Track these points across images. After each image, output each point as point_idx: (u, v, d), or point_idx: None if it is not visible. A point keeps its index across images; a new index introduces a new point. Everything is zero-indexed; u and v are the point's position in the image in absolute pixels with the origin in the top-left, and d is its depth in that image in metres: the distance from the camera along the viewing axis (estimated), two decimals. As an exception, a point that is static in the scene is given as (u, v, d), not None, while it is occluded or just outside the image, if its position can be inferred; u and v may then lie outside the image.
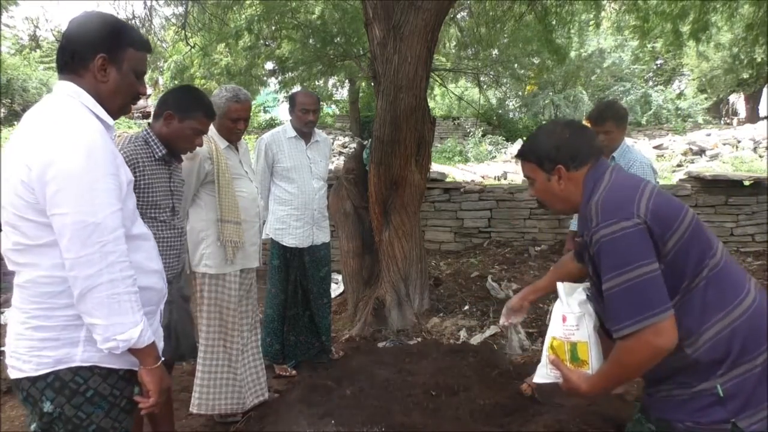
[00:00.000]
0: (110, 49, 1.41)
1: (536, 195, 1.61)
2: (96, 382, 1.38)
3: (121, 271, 1.31)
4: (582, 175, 1.48)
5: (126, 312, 1.31)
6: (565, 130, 1.54)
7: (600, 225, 1.33)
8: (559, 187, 1.51)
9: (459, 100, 13.87)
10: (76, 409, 1.37)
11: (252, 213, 2.86)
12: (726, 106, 25.98)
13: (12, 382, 1.42)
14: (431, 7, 3.85)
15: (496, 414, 2.66)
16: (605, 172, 1.47)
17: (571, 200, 1.51)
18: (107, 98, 1.43)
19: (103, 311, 1.29)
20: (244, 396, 2.87)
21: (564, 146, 1.49)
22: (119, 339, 1.31)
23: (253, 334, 2.99)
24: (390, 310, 4.23)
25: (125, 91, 1.47)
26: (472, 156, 16.07)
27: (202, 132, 2.28)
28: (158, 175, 2.18)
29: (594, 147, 1.52)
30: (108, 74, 1.42)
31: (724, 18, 6.91)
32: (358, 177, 4.54)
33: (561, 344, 1.52)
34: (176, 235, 2.25)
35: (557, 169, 1.49)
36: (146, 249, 1.50)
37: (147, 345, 1.37)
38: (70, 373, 1.36)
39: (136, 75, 1.48)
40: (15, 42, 20.68)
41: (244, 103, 2.80)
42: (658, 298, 1.28)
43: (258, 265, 2.95)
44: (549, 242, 6.07)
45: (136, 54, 1.47)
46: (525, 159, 1.58)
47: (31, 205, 1.29)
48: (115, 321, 1.30)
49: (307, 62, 9.24)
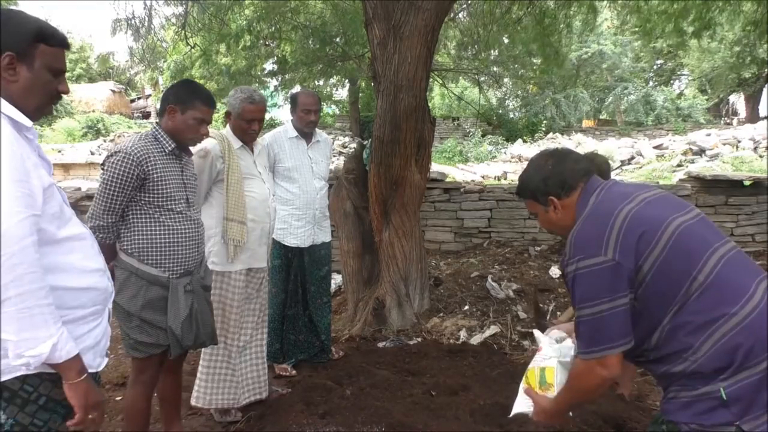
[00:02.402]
0: (18, 47, 1.33)
1: (543, 227, 1.68)
2: (47, 388, 1.34)
3: (31, 282, 1.23)
4: (574, 201, 1.54)
5: (38, 326, 1.24)
6: (549, 160, 1.59)
7: (571, 260, 1.41)
8: (556, 216, 1.57)
9: (459, 100, 13.87)
10: (30, 417, 1.34)
11: (262, 213, 2.88)
12: (726, 106, 25.99)
13: None
14: (431, 7, 3.85)
15: (496, 414, 2.66)
16: (591, 196, 1.51)
17: (568, 227, 1.54)
18: (20, 99, 1.35)
19: (13, 326, 1.23)
20: (239, 392, 2.89)
21: (550, 177, 1.55)
22: (28, 355, 1.25)
23: (259, 332, 3.00)
24: (390, 310, 4.23)
25: (40, 90, 1.38)
26: (472, 156, 16.08)
27: (205, 120, 2.34)
28: (170, 169, 2.26)
29: (579, 171, 1.56)
30: (18, 73, 1.34)
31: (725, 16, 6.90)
32: (358, 177, 4.54)
33: (533, 371, 1.62)
34: (193, 226, 2.32)
35: (550, 200, 1.55)
36: (81, 249, 1.44)
37: (67, 359, 1.29)
38: (18, 382, 1.31)
39: (52, 73, 1.39)
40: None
41: (258, 105, 2.84)
42: (614, 333, 1.36)
43: (264, 264, 2.98)
44: (549, 242, 6.07)
45: (49, 50, 1.38)
46: (522, 197, 1.65)
47: None
48: (25, 336, 1.23)
49: (307, 63, 9.24)
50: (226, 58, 9.62)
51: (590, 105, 21.06)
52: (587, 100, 21.01)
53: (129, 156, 2.13)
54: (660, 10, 6.62)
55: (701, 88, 23.28)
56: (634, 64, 22.37)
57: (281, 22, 8.01)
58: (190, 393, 2.87)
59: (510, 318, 4.36)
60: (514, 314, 4.42)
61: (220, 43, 7.95)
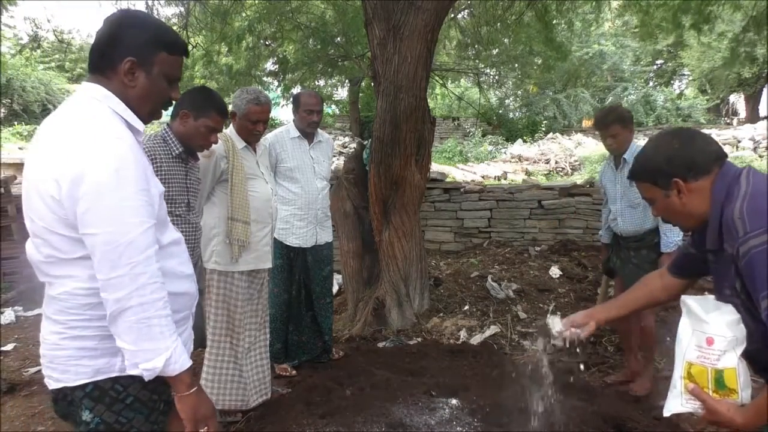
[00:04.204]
0: (140, 53, 1.32)
1: (658, 215, 1.51)
2: (136, 389, 1.35)
3: (152, 293, 1.24)
4: (708, 184, 1.35)
5: (155, 338, 1.25)
6: (674, 140, 1.42)
7: (749, 234, 1.22)
8: (680, 201, 1.39)
9: (459, 100, 13.87)
10: (116, 415, 1.34)
11: (264, 214, 2.89)
12: (726, 106, 25.98)
13: (51, 393, 1.40)
14: (431, 7, 3.85)
15: (496, 414, 2.66)
16: (740, 177, 1.33)
17: (696, 214, 1.39)
18: (135, 103, 1.35)
19: (132, 336, 1.24)
20: (248, 394, 2.89)
21: (676, 157, 1.38)
22: (143, 367, 1.25)
23: (262, 333, 3.01)
24: (390, 310, 4.23)
25: (155, 97, 1.39)
26: (472, 156, 16.07)
27: (216, 129, 2.37)
28: (175, 172, 2.28)
29: (713, 152, 1.38)
30: (136, 79, 1.34)
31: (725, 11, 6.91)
32: (358, 177, 4.54)
33: (703, 371, 1.35)
34: (191, 230, 2.35)
35: (674, 183, 1.38)
36: (178, 254, 1.45)
37: (180, 372, 1.29)
38: (110, 382, 1.33)
39: (168, 80, 1.39)
40: (15, 42, 20.66)
41: (264, 106, 2.85)
42: None
43: (270, 265, 2.99)
44: (549, 242, 6.07)
45: (169, 58, 1.37)
46: (638, 180, 1.48)
47: (62, 219, 1.24)
48: (143, 347, 1.24)
49: (307, 63, 9.24)
50: (227, 58, 9.62)
51: (591, 105, 21.03)
52: (588, 100, 20.98)
53: None
54: (659, 4, 6.63)
55: (701, 89, 23.27)
56: (634, 66, 22.35)
57: (282, 21, 8.02)
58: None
59: (510, 318, 4.36)
60: (514, 314, 4.43)
61: (222, 43, 7.95)
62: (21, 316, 5.22)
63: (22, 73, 17.63)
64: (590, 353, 3.77)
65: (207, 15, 7.01)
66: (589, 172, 12.71)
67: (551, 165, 14.04)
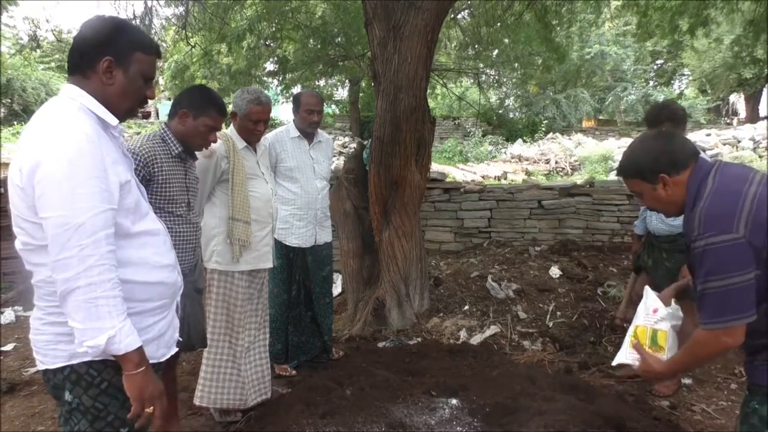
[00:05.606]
0: (117, 52, 1.42)
1: (646, 205, 1.77)
2: (109, 374, 1.41)
3: (99, 274, 1.30)
4: (685, 178, 1.58)
5: (102, 317, 1.30)
6: (659, 140, 1.65)
7: (701, 235, 1.45)
8: (666, 193, 1.61)
9: (459, 100, 13.87)
10: (93, 399, 1.41)
11: (265, 214, 2.89)
12: (726, 106, 25.99)
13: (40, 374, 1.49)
14: (431, 7, 3.85)
15: (496, 414, 2.66)
16: (708, 174, 1.54)
17: (677, 203, 1.61)
18: (113, 101, 1.44)
19: (80, 315, 1.30)
20: (247, 394, 2.89)
21: (662, 155, 1.59)
22: (87, 344, 1.31)
23: (261, 332, 3.01)
24: (390, 310, 4.23)
25: (132, 94, 1.47)
26: (472, 156, 16.08)
27: (215, 129, 2.36)
28: (174, 172, 2.27)
29: (690, 149, 1.62)
30: (114, 77, 1.43)
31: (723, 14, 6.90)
32: (358, 177, 4.54)
33: (644, 330, 1.74)
34: (191, 229, 2.35)
35: (661, 178, 1.59)
36: (154, 244, 1.50)
37: (127, 351, 1.34)
38: (85, 366, 1.40)
39: (144, 79, 1.48)
40: (15, 42, 20.67)
41: (265, 106, 2.85)
42: (742, 305, 1.43)
43: (271, 265, 2.99)
44: (549, 242, 6.07)
45: (145, 58, 1.47)
46: (627, 176, 1.69)
47: (29, 207, 1.33)
48: (90, 326, 1.30)
49: (307, 63, 9.25)
50: (227, 57, 9.63)
51: (591, 105, 21.05)
52: (588, 100, 21.00)
53: (136, 156, 2.14)
54: (657, 6, 6.62)
55: (701, 89, 23.28)
56: (634, 66, 22.35)
57: (282, 21, 8.02)
58: (190, 393, 2.87)
59: (510, 318, 4.36)
60: (514, 314, 4.42)
61: (221, 43, 7.96)
62: (21, 316, 5.22)
63: (22, 73, 17.65)
64: (590, 353, 3.77)
65: (206, 15, 7.01)
66: (589, 172, 12.72)
67: (551, 165, 14.06)
